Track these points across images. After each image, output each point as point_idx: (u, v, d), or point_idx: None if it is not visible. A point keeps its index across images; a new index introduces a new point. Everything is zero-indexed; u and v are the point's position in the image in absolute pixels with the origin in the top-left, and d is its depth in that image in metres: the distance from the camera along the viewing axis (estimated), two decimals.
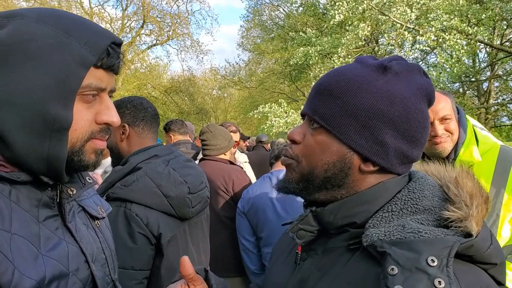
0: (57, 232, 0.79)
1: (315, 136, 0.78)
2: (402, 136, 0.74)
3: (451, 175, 0.79)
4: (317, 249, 0.81)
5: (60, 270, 0.75)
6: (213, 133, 3.01)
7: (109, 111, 0.80)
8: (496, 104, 15.37)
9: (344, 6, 10.54)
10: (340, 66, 0.83)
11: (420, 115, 0.75)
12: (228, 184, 2.87)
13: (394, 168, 0.76)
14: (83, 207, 0.92)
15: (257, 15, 22.53)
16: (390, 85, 0.75)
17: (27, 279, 0.67)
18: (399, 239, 0.67)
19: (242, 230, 2.67)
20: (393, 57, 0.80)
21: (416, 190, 0.75)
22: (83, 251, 0.82)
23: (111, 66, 0.78)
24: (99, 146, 0.81)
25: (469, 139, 1.69)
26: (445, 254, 0.62)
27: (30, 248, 0.71)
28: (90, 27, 0.77)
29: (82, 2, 22.26)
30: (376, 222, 0.72)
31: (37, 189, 0.78)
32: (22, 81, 0.69)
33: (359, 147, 0.74)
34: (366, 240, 0.70)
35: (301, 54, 12.52)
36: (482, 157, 1.67)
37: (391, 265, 0.63)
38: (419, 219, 0.71)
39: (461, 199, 0.72)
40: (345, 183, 0.77)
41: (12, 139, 0.70)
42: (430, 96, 0.78)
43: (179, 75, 27.60)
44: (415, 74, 0.78)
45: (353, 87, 0.75)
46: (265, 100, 18.57)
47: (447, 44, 9.86)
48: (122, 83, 22.73)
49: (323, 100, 0.77)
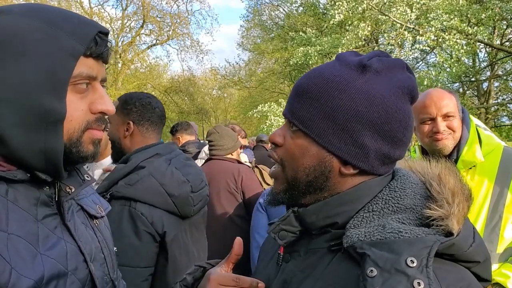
0: (56, 230, 0.79)
1: (294, 139, 0.77)
2: (383, 137, 0.73)
3: (434, 172, 0.78)
4: (300, 250, 0.80)
5: (59, 269, 0.74)
6: (220, 134, 3.07)
7: (103, 99, 0.80)
8: (496, 104, 15.38)
9: (344, 6, 10.55)
10: (320, 65, 0.81)
11: (401, 115, 0.73)
12: (238, 182, 2.91)
13: (375, 170, 0.75)
14: (82, 206, 0.91)
15: (257, 15, 22.56)
16: (369, 85, 0.72)
17: (24, 279, 0.67)
18: (379, 240, 0.66)
19: (259, 226, 2.59)
20: (374, 53, 0.78)
21: (398, 189, 0.74)
22: (81, 250, 0.82)
23: (100, 55, 0.78)
24: (96, 136, 0.81)
25: (472, 139, 1.68)
26: (424, 254, 0.61)
27: (28, 248, 0.71)
28: (76, 18, 0.77)
29: (82, 2, 22.31)
30: (357, 222, 0.72)
31: (35, 187, 0.78)
32: (12, 76, 0.70)
33: (338, 151, 0.73)
34: (346, 241, 0.69)
35: (301, 54, 12.53)
36: (485, 158, 1.65)
37: (370, 266, 0.62)
38: (400, 218, 0.70)
39: (443, 197, 0.71)
40: (327, 185, 0.76)
41: (7, 135, 0.70)
42: (412, 93, 0.76)
43: (179, 75, 27.70)
44: (397, 71, 0.76)
45: (331, 89, 0.73)
46: (265, 100, 18.56)
47: (446, 44, 9.86)
48: (122, 83, 22.75)
49: (301, 102, 0.76)
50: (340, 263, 0.71)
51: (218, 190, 2.91)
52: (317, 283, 0.72)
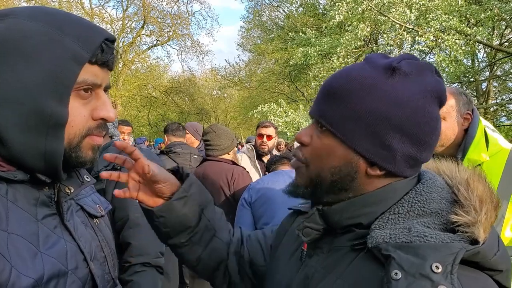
0: (55, 230, 0.79)
1: (322, 139, 0.77)
2: (410, 140, 0.72)
3: (462, 176, 0.76)
4: (323, 247, 0.81)
5: (59, 268, 0.75)
6: (216, 133, 3.01)
7: (105, 106, 0.80)
8: (495, 104, 15.35)
9: (344, 7, 10.54)
10: (349, 66, 0.80)
11: (429, 118, 0.73)
12: (230, 184, 2.85)
13: (402, 172, 0.74)
14: (82, 205, 0.92)
15: (257, 16, 22.55)
16: (398, 88, 0.72)
17: (25, 278, 0.67)
18: (404, 243, 0.66)
19: (242, 221, 2.59)
20: (403, 56, 0.77)
21: (424, 193, 0.73)
22: (81, 249, 0.82)
23: (105, 62, 0.78)
24: (96, 142, 0.81)
25: (478, 139, 1.68)
26: (450, 261, 0.61)
27: (29, 247, 0.71)
28: (83, 24, 0.77)
29: (82, 2, 22.26)
30: (382, 223, 0.71)
31: (34, 188, 0.78)
32: (16, 79, 0.70)
33: (365, 152, 0.73)
34: (371, 242, 0.69)
35: (301, 54, 12.52)
36: (491, 158, 1.65)
37: (395, 269, 0.62)
38: (425, 222, 0.70)
39: (470, 203, 0.69)
40: (352, 186, 0.76)
41: (9, 136, 0.71)
42: (441, 96, 0.75)
43: (179, 76, 27.70)
44: (426, 74, 0.75)
45: (360, 90, 0.73)
46: (265, 100, 18.58)
47: (445, 44, 9.87)
48: (122, 83, 22.74)
49: (330, 103, 0.76)
50: (362, 262, 0.71)
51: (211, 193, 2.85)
52: (337, 281, 0.73)
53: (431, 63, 0.79)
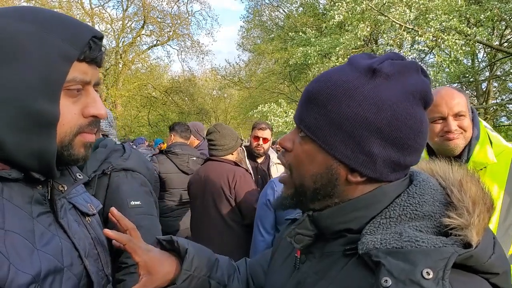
0: (50, 228, 0.80)
1: (302, 145, 0.76)
2: (392, 145, 0.70)
3: (455, 177, 0.75)
4: (315, 252, 0.80)
5: (55, 265, 0.76)
6: (221, 133, 2.98)
7: (96, 103, 0.80)
8: (495, 105, 15.33)
9: (344, 7, 10.55)
10: (330, 69, 0.78)
11: (412, 121, 0.70)
12: (231, 185, 2.83)
13: (384, 177, 0.72)
14: (74, 204, 0.93)
15: (257, 16, 22.55)
16: (378, 91, 0.69)
17: (22, 274, 0.68)
18: (395, 248, 0.64)
19: (265, 222, 2.52)
20: (387, 56, 0.74)
21: (416, 195, 0.71)
22: (76, 246, 0.83)
23: (94, 59, 0.78)
24: (88, 139, 0.81)
25: (483, 139, 1.64)
26: (441, 266, 0.59)
27: (26, 244, 0.72)
28: (70, 22, 0.77)
29: (82, 2, 22.25)
30: (373, 228, 0.70)
31: (28, 186, 0.79)
32: (6, 79, 0.70)
33: (344, 158, 0.71)
34: (361, 248, 0.68)
35: (300, 54, 12.52)
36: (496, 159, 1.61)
37: (385, 276, 0.61)
38: (417, 226, 0.68)
39: (463, 205, 0.68)
40: (335, 192, 0.75)
41: (1, 137, 0.71)
42: (425, 97, 0.72)
43: (179, 76, 27.67)
44: (410, 74, 0.72)
45: (338, 95, 0.71)
46: (265, 101, 18.55)
47: (445, 44, 9.87)
48: (123, 83, 22.76)
49: (309, 108, 0.74)
50: (354, 268, 0.70)
51: (213, 194, 2.86)
52: (329, 286, 0.72)
53: (417, 62, 0.76)
